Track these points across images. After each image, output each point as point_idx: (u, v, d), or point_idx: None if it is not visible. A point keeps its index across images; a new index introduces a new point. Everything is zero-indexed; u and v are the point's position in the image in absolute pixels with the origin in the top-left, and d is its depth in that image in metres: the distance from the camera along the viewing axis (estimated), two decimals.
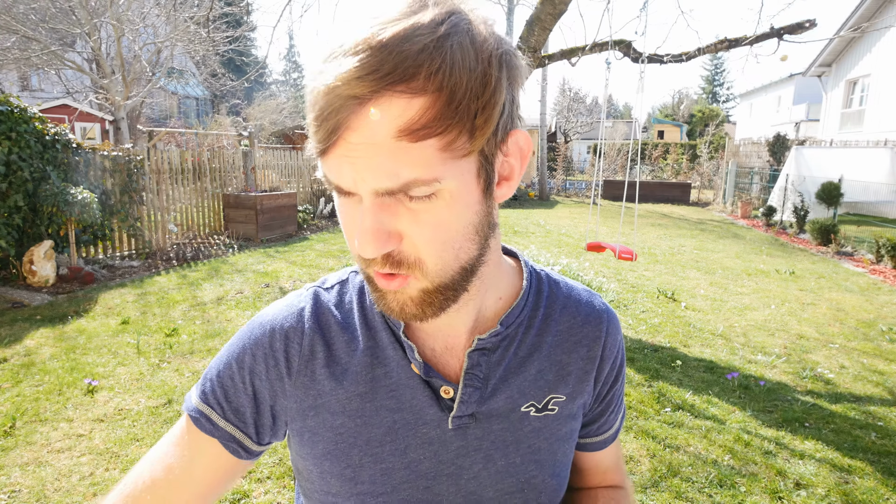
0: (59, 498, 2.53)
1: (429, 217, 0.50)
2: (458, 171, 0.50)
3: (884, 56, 16.16)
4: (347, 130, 0.46)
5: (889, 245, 7.94)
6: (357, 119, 0.45)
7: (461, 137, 0.48)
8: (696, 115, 42.83)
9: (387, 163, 0.46)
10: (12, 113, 5.83)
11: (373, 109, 0.46)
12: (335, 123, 0.46)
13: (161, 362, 4.04)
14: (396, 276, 0.53)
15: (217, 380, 0.67)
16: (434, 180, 0.48)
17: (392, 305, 0.56)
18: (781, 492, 2.68)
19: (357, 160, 0.47)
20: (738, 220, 13.65)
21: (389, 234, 0.50)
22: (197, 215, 8.88)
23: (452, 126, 0.47)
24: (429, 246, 0.52)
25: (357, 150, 0.47)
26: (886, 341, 4.88)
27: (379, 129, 0.45)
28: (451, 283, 0.55)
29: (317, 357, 0.66)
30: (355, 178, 0.48)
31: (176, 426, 0.69)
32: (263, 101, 25.31)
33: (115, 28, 11.74)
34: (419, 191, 0.48)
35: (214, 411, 0.66)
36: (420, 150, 0.46)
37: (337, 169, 0.49)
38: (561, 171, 20.16)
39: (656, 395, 3.69)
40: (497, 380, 0.66)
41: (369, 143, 0.46)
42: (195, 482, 0.65)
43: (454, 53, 0.46)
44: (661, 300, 5.99)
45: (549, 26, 4.50)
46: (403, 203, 0.50)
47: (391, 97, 0.45)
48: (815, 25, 4.65)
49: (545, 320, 0.70)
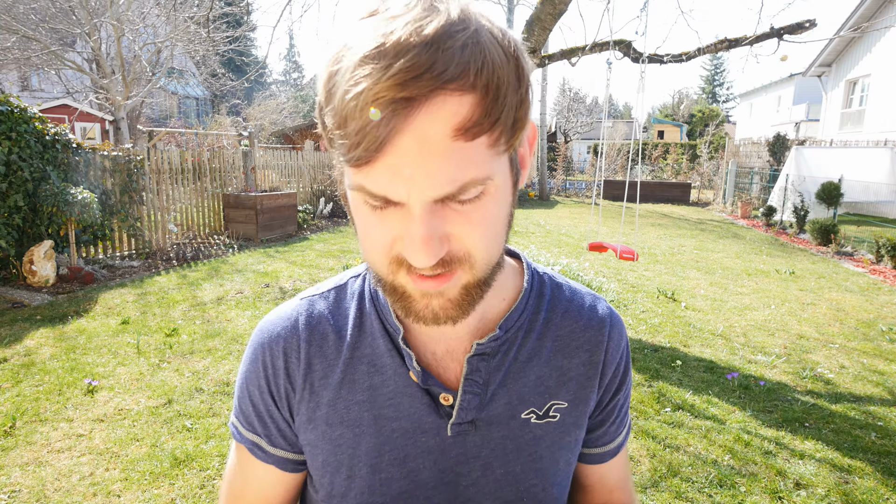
0: (59, 498, 2.53)
1: (479, 216, 0.49)
2: (501, 167, 0.49)
3: (884, 56, 16.16)
4: (399, 135, 0.43)
5: (889, 245, 7.94)
6: (409, 123, 0.42)
7: (505, 133, 0.47)
8: (696, 115, 42.84)
9: (444, 166, 0.44)
10: (12, 113, 5.83)
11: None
12: (386, 131, 0.42)
13: (161, 362, 4.04)
14: (442, 276, 0.51)
15: (239, 405, 0.72)
16: (487, 178, 0.47)
17: (426, 312, 0.54)
18: (781, 492, 2.68)
19: (412, 169, 0.44)
20: (738, 220, 13.64)
21: (441, 239, 0.48)
22: (197, 215, 8.88)
23: (499, 122, 0.45)
24: (479, 243, 0.50)
25: (409, 157, 0.44)
26: (886, 341, 4.88)
27: (433, 132, 0.43)
28: (488, 278, 0.54)
29: (314, 369, 0.66)
30: (409, 188, 0.45)
31: (232, 453, 0.75)
32: (263, 101, 25.32)
33: (115, 28, 11.74)
34: (472, 192, 0.47)
35: (255, 435, 0.71)
36: (473, 148, 0.45)
37: (385, 179, 0.45)
38: (561, 171, 20.16)
39: (656, 395, 3.68)
40: (497, 385, 0.65)
41: (424, 148, 0.43)
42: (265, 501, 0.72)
43: (490, 49, 0.45)
44: (661, 300, 5.99)
45: (549, 26, 4.50)
46: (451, 206, 0.48)
47: (445, 96, 0.43)
48: (815, 25, 4.65)
49: (546, 324, 0.69)
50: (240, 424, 0.70)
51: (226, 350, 4.29)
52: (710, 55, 21.84)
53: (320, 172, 11.79)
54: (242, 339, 4.51)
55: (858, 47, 17.56)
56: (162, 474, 2.71)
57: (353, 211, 0.53)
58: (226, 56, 20.87)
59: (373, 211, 0.49)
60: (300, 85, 51.09)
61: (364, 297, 0.69)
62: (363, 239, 0.53)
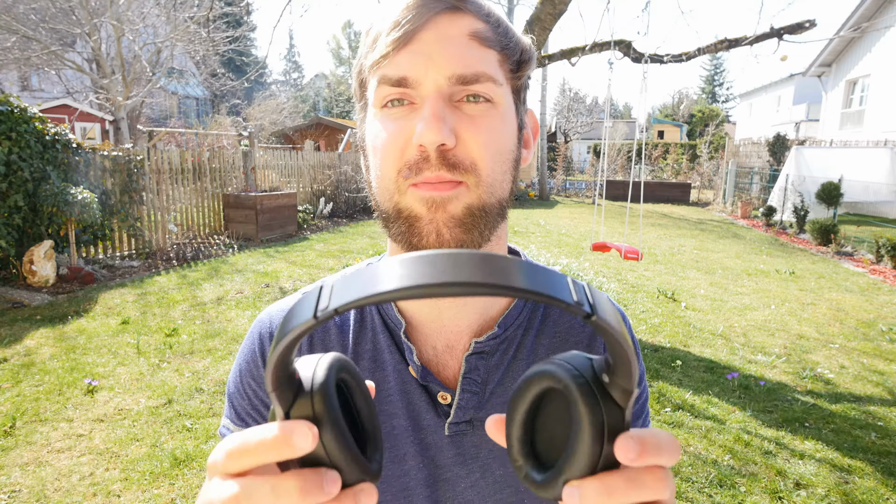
0: (59, 498, 2.53)
1: (485, 122, 0.55)
2: (508, 93, 0.58)
3: (884, 56, 16.15)
4: (424, 31, 0.54)
5: (889, 245, 7.94)
6: (434, 22, 0.54)
7: (511, 63, 0.58)
8: (696, 115, 42.84)
9: (461, 52, 0.54)
10: (12, 113, 5.83)
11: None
12: (415, 25, 0.53)
13: (161, 362, 4.04)
14: (447, 183, 0.55)
15: (232, 403, 0.69)
16: (497, 81, 0.56)
17: (431, 231, 0.56)
18: (781, 492, 2.68)
19: (432, 51, 0.54)
20: (738, 220, 13.65)
21: (450, 128, 0.53)
22: (197, 215, 8.88)
23: (507, 49, 0.57)
24: (484, 150, 0.55)
25: (432, 45, 0.54)
26: (886, 341, 4.88)
27: (453, 31, 0.54)
28: (491, 209, 0.57)
29: None
30: (427, 65, 0.53)
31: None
32: (263, 101, 25.31)
33: (115, 28, 11.74)
34: (485, 87, 0.55)
35: (235, 425, 0.68)
36: (486, 53, 0.55)
37: (406, 61, 0.54)
38: (561, 171, 20.16)
39: (656, 395, 3.68)
40: (495, 384, 0.64)
41: (444, 39, 0.54)
42: None
43: (500, 14, 0.59)
44: (662, 300, 5.99)
45: (549, 26, 4.50)
46: (462, 108, 0.55)
47: (464, 14, 0.55)
48: (815, 25, 4.66)
49: (544, 320, 0.68)
50: (231, 423, 0.68)
51: (226, 350, 4.29)
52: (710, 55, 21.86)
53: (320, 172, 11.79)
54: (242, 339, 4.50)
55: (858, 47, 17.55)
56: (162, 474, 2.71)
57: (369, 134, 0.60)
58: (226, 56, 20.87)
59: (388, 115, 0.56)
60: (300, 85, 51.10)
61: None
62: (379, 152, 0.57)
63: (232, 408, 0.68)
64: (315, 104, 44.86)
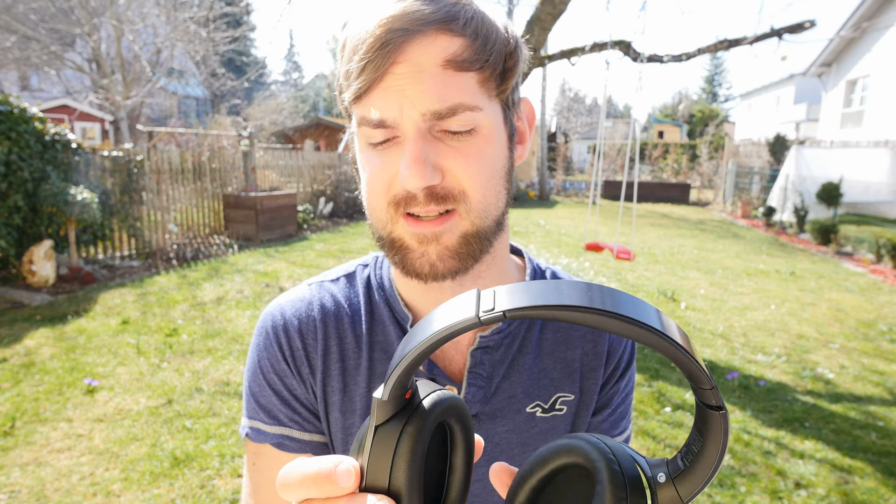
0: (59, 498, 2.53)
1: (472, 150, 0.53)
2: (493, 111, 0.55)
3: (884, 56, 16.15)
4: (395, 64, 0.50)
5: (889, 245, 7.94)
6: (404, 53, 0.50)
7: (494, 79, 0.54)
8: (696, 115, 42.84)
9: (435, 85, 0.51)
10: (12, 113, 5.83)
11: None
12: (384, 60, 0.50)
13: (161, 362, 4.04)
14: (440, 217, 0.54)
15: (255, 401, 0.67)
16: (477, 107, 0.52)
17: (423, 263, 0.55)
18: (781, 492, 2.68)
19: (405, 87, 0.51)
20: (738, 220, 13.64)
21: (433, 166, 0.52)
22: (197, 215, 8.88)
23: (488, 65, 0.53)
24: (473, 179, 0.54)
25: (405, 79, 0.50)
26: (886, 341, 4.88)
27: (426, 59, 0.50)
28: (487, 231, 0.56)
29: (331, 353, 0.66)
30: (402, 104, 0.51)
31: (247, 457, 0.68)
32: (263, 101, 25.32)
33: (115, 28, 11.74)
34: (463, 118, 0.52)
35: (264, 423, 0.66)
36: (463, 79, 0.52)
37: (382, 101, 0.52)
38: (561, 171, 20.16)
39: (656, 395, 3.68)
40: (500, 378, 0.65)
41: (417, 71, 0.50)
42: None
43: (481, 12, 0.54)
44: (661, 300, 5.98)
45: (549, 26, 4.50)
46: (444, 141, 0.52)
47: (436, 34, 0.51)
48: (815, 25, 4.65)
49: None
50: (260, 423, 0.66)
51: (226, 350, 4.29)
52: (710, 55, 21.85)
53: (320, 172, 11.79)
54: (242, 339, 4.50)
55: (858, 47, 17.55)
56: (162, 474, 2.71)
57: (359, 162, 0.58)
58: (226, 56, 20.87)
59: (373, 150, 0.54)
60: (300, 85, 51.10)
61: (371, 285, 0.69)
62: (367, 186, 0.57)
63: (259, 407, 0.66)
64: (315, 104, 44.84)
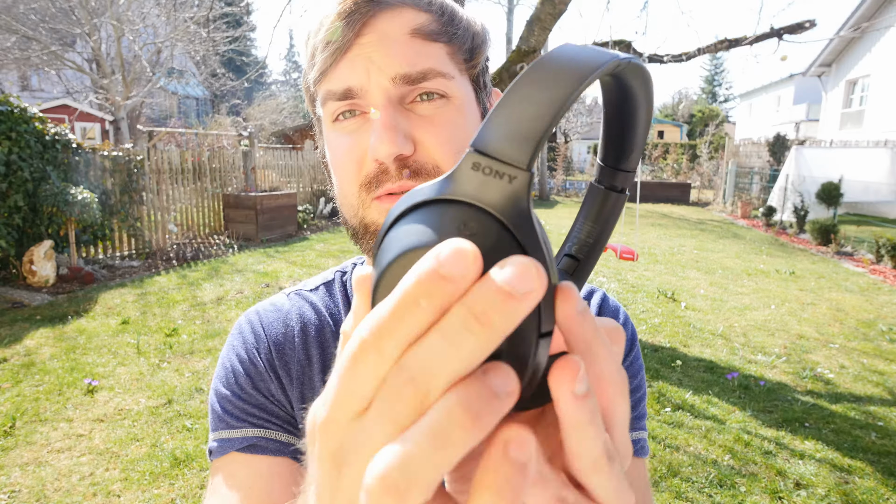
0: (59, 498, 2.53)
1: (442, 119, 0.52)
2: (464, 84, 0.54)
3: (884, 56, 16.15)
4: (360, 36, 0.50)
5: (889, 245, 7.94)
6: (370, 24, 0.50)
7: (463, 53, 0.54)
8: (696, 115, 42.83)
9: (403, 52, 0.50)
10: (12, 113, 5.83)
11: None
12: (351, 32, 0.49)
13: (161, 362, 4.04)
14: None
15: (222, 407, 0.61)
16: (448, 74, 0.52)
17: None
18: (781, 492, 2.68)
19: (372, 53, 0.50)
20: (738, 220, 13.64)
21: (405, 134, 0.50)
22: (197, 215, 8.88)
23: (455, 39, 0.53)
24: (445, 149, 0.52)
25: (371, 47, 0.50)
26: (886, 341, 4.88)
27: (394, 29, 0.50)
28: None
29: (313, 363, 0.63)
30: (369, 69, 0.50)
31: (209, 483, 0.61)
32: (263, 101, 25.32)
33: (115, 28, 11.74)
34: (435, 82, 0.51)
35: (231, 429, 0.61)
36: (432, 48, 0.51)
37: (347, 70, 0.50)
38: (561, 171, 20.16)
39: (656, 395, 3.68)
40: None
41: (384, 39, 0.50)
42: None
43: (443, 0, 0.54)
44: (661, 300, 5.98)
45: (549, 26, 4.50)
46: (415, 110, 0.51)
47: (403, 7, 0.51)
48: (815, 25, 4.66)
49: None
50: (228, 429, 0.60)
51: None
52: (710, 55, 21.84)
53: (320, 172, 11.79)
54: None
55: (858, 47, 17.55)
56: (162, 474, 2.71)
57: (327, 150, 0.57)
58: (226, 56, 20.87)
59: (341, 131, 0.53)
60: (300, 85, 51.03)
61: (350, 292, 0.68)
62: (336, 170, 0.55)
63: (225, 413, 0.61)
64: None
